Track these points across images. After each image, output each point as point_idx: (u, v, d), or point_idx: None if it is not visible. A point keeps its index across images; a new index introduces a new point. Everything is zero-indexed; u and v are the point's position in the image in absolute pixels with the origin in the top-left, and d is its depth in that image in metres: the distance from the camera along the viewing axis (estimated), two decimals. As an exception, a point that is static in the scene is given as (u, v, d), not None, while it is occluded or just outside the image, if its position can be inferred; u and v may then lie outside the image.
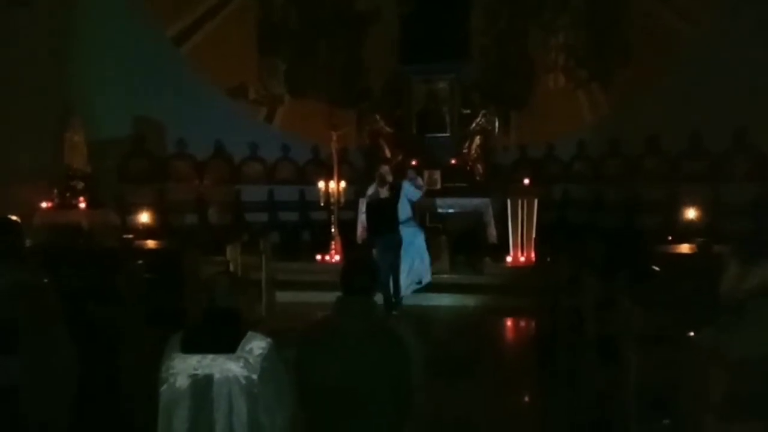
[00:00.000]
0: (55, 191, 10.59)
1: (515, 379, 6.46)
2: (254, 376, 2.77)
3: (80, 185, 10.73)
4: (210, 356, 2.79)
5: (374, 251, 8.35)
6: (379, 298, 6.86)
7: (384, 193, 8.67)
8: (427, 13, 12.34)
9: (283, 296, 8.89)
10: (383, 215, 8.57)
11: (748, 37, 11.34)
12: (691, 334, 2.80)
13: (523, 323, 8.41)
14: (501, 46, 13.51)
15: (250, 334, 2.85)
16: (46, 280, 3.58)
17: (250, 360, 2.78)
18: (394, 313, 8.24)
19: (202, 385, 2.77)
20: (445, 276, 9.87)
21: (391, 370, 2.98)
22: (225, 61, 12.81)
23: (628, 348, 4.13)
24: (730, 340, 2.55)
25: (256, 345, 2.82)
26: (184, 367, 2.79)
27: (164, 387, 2.82)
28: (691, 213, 11.57)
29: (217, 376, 2.77)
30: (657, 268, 5.51)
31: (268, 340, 2.87)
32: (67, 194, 10.64)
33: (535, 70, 13.44)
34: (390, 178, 8.86)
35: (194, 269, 6.61)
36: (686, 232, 10.81)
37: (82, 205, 10.63)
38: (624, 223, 11.84)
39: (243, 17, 13.29)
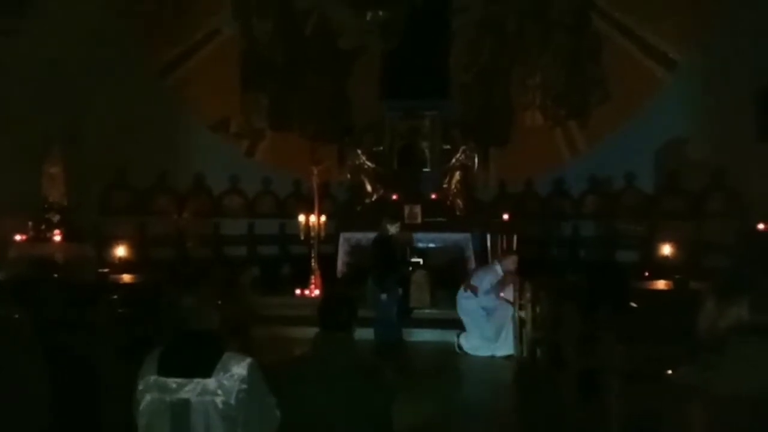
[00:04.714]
0: (30, 224, 10.45)
1: (497, 414, 6.39)
2: (231, 401, 2.74)
3: (56, 218, 10.60)
4: (186, 380, 2.77)
5: (383, 295, 8.07)
6: (363, 333, 6.56)
7: (392, 230, 8.59)
8: (409, 51, 12.53)
9: (262, 331, 8.77)
10: (391, 252, 8.41)
11: (721, 75, 11.64)
12: (669, 372, 2.79)
13: (503, 358, 8.36)
14: (482, 83, 13.74)
15: (226, 355, 2.81)
16: (17, 316, 3.51)
17: (227, 384, 2.75)
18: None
19: (179, 409, 2.75)
20: (426, 311, 9.85)
21: (372, 405, 2.94)
22: (209, 94, 12.88)
23: (609, 383, 4.11)
24: (713, 378, 2.54)
25: (234, 367, 2.78)
26: (161, 391, 2.77)
27: (142, 407, 2.81)
28: (667, 249, 11.70)
29: (193, 400, 2.75)
30: (635, 305, 5.53)
31: (248, 359, 2.82)
32: (43, 227, 10.50)
33: (514, 108, 13.66)
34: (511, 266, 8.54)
35: (173, 304, 6.49)
36: (663, 269, 10.93)
37: (58, 237, 10.49)
38: (603, 259, 11.93)
39: (228, 52, 13.40)
